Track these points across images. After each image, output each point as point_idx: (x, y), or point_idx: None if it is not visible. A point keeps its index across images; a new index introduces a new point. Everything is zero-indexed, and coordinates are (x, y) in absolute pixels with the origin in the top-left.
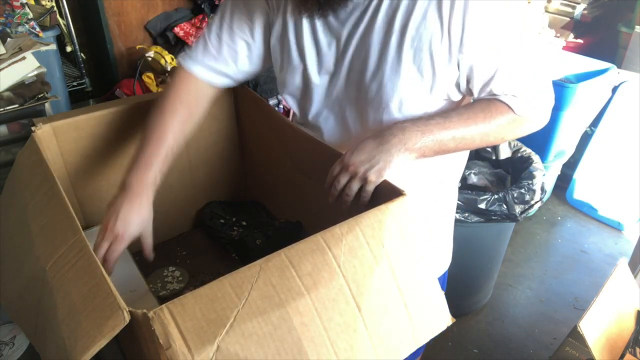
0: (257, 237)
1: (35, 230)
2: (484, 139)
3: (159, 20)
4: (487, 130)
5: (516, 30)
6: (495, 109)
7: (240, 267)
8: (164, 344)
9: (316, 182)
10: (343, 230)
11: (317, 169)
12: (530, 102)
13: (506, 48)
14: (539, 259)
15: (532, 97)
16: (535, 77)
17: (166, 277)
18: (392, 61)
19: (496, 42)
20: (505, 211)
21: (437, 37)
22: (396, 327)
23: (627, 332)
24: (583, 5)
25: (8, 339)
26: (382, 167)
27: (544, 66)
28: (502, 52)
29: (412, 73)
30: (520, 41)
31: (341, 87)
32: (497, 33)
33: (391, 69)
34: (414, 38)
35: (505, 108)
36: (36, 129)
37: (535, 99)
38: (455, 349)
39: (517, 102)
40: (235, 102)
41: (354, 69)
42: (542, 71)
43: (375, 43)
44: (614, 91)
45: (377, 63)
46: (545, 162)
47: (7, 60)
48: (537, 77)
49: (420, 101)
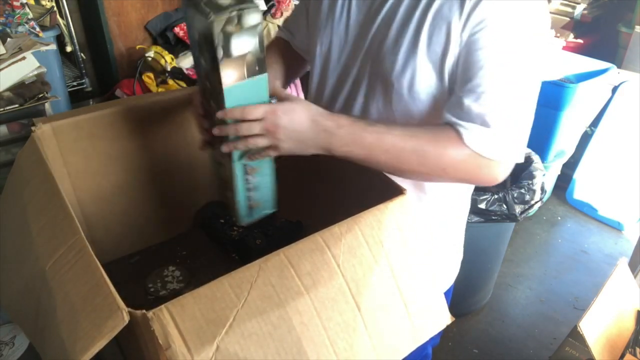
0: (257, 237)
1: (35, 231)
2: (421, 161)
3: (159, 20)
4: (428, 153)
5: (526, 41)
6: (447, 135)
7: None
8: (163, 344)
9: (316, 182)
10: (342, 229)
11: (317, 168)
12: (492, 141)
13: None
14: (539, 259)
15: (497, 136)
16: (514, 117)
17: (166, 277)
18: (410, 36)
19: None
20: (505, 211)
21: (457, 16)
22: (396, 326)
23: (627, 332)
24: (583, 5)
25: (8, 339)
26: (296, 150)
27: (528, 112)
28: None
29: (425, 50)
30: (521, 61)
31: (360, 61)
32: (508, 34)
33: (409, 43)
34: (436, 14)
35: (456, 138)
36: (36, 129)
37: (501, 141)
38: (455, 349)
39: (474, 136)
40: None
41: (375, 40)
42: (525, 117)
43: (400, 16)
44: (614, 91)
45: (396, 36)
46: (545, 162)
47: (7, 60)
48: (516, 117)
49: (429, 84)
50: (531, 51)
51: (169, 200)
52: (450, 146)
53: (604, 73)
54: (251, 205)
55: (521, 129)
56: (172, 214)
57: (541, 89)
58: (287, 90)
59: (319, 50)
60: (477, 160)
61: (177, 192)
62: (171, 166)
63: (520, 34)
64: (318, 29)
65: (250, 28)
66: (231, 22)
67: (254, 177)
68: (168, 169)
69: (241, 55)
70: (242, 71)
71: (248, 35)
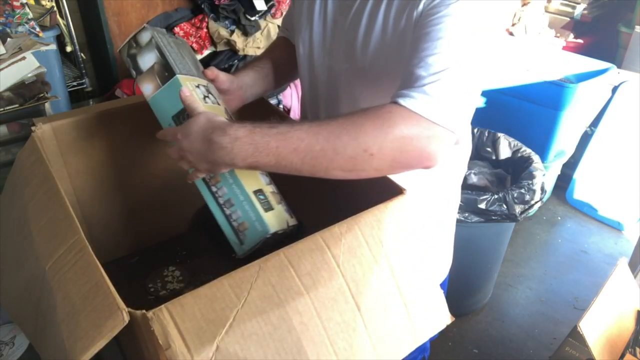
0: None
1: (35, 230)
2: (337, 149)
3: (159, 20)
4: (343, 137)
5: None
6: (371, 111)
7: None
8: (163, 344)
9: (316, 181)
10: (342, 229)
11: None
12: (433, 104)
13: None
14: (539, 259)
15: (439, 100)
16: (455, 88)
17: (166, 277)
18: (379, 29)
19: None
20: (505, 211)
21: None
22: (395, 326)
23: (627, 332)
24: (583, 5)
25: (8, 339)
26: (213, 169)
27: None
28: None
29: (397, 41)
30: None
31: (339, 59)
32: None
33: (378, 36)
34: (399, 2)
35: (387, 107)
36: (36, 129)
37: (442, 106)
38: (455, 349)
39: (416, 101)
40: None
41: (348, 37)
42: (466, 92)
43: (368, 10)
44: (614, 91)
45: (366, 31)
46: (545, 162)
47: (7, 60)
48: (457, 89)
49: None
50: (481, 16)
51: (169, 200)
52: (378, 121)
53: (604, 73)
54: (238, 228)
55: (465, 94)
56: (172, 214)
57: (541, 89)
58: (288, 90)
59: (302, 51)
60: (414, 126)
61: (177, 192)
62: (171, 166)
63: (470, 21)
64: (299, 30)
65: (146, 45)
66: (131, 47)
67: (220, 187)
68: (168, 169)
69: (149, 68)
70: (156, 81)
71: (147, 51)
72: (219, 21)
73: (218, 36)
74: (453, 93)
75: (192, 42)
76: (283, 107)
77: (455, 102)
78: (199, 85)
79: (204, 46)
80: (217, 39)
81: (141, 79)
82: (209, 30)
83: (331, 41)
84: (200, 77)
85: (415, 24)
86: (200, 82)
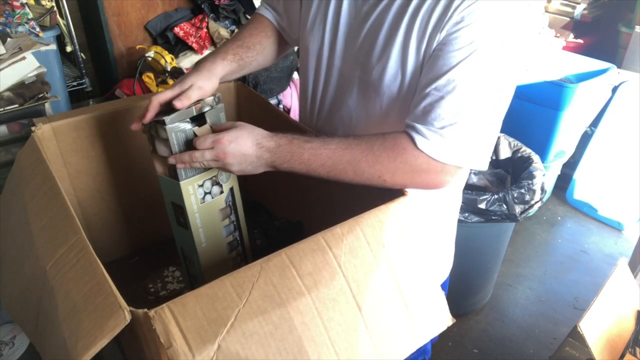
0: (257, 237)
1: (35, 230)
2: (355, 170)
3: (159, 20)
4: (361, 163)
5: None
6: (391, 142)
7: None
8: (164, 343)
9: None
10: (344, 230)
11: None
12: (445, 145)
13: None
14: (539, 259)
15: (451, 140)
16: (476, 122)
17: (166, 277)
18: (399, 44)
19: (467, 48)
20: (505, 211)
21: (441, 16)
22: (396, 327)
23: (627, 332)
24: (583, 5)
25: (8, 339)
26: (246, 171)
27: (493, 118)
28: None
29: (414, 56)
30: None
31: (350, 65)
32: (476, 37)
33: (398, 51)
34: (423, 18)
35: (403, 142)
36: (36, 129)
37: (456, 145)
38: (455, 349)
39: (429, 141)
40: (235, 100)
41: (364, 47)
42: (490, 122)
43: (389, 22)
44: (614, 91)
45: (384, 44)
46: (545, 162)
47: (7, 60)
48: (479, 122)
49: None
50: (506, 55)
51: None
52: (393, 154)
53: (604, 73)
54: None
55: (484, 133)
56: None
57: (541, 89)
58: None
59: (312, 48)
60: (425, 164)
61: None
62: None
63: (498, 35)
64: (310, 27)
65: (164, 140)
66: (151, 128)
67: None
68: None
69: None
70: (166, 169)
71: (164, 145)
72: (219, 21)
73: (218, 36)
74: (470, 135)
75: (192, 42)
76: (283, 107)
77: (472, 142)
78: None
79: (204, 46)
80: (217, 39)
81: (155, 158)
82: (209, 30)
83: (343, 46)
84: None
85: (435, 48)
86: (207, 176)
